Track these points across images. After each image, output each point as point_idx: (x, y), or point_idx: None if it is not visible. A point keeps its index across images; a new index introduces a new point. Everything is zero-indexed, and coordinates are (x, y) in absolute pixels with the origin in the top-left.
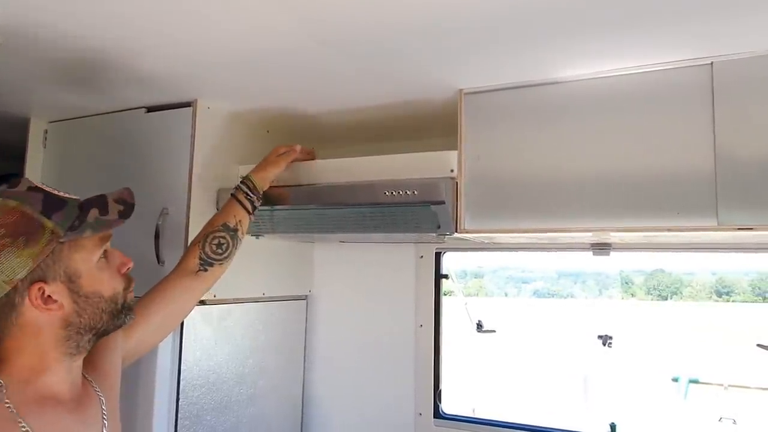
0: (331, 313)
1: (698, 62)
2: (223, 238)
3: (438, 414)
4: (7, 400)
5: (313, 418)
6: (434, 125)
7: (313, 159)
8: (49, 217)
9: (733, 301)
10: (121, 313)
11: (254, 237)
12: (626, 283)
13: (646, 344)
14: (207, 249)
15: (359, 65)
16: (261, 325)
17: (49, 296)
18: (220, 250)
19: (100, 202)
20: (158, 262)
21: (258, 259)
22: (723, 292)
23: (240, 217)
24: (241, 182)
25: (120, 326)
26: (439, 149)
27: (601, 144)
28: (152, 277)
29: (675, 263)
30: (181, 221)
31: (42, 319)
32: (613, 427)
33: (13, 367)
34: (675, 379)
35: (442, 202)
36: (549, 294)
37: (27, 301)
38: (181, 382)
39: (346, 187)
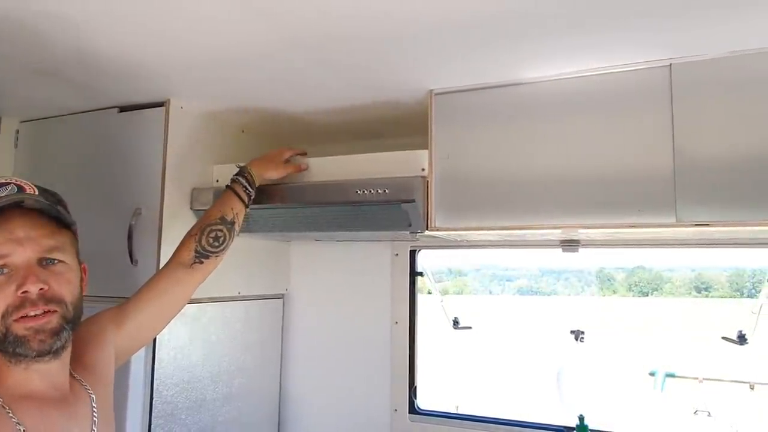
0: (308, 311)
1: (657, 64)
2: (220, 231)
3: (413, 409)
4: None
5: (290, 416)
6: (406, 125)
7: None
8: None
9: (711, 296)
10: (6, 342)
11: None
12: (608, 279)
13: (625, 340)
14: (203, 242)
15: (330, 67)
16: (237, 324)
17: None
18: (216, 243)
19: None
20: (131, 262)
21: (234, 258)
22: (702, 288)
23: (237, 210)
24: (239, 174)
25: (21, 356)
26: (412, 148)
27: (565, 143)
28: (126, 276)
29: (655, 260)
30: (154, 221)
31: None
32: (581, 418)
33: None
34: (652, 373)
35: (413, 201)
36: (532, 291)
37: None
38: (155, 381)
39: (319, 186)
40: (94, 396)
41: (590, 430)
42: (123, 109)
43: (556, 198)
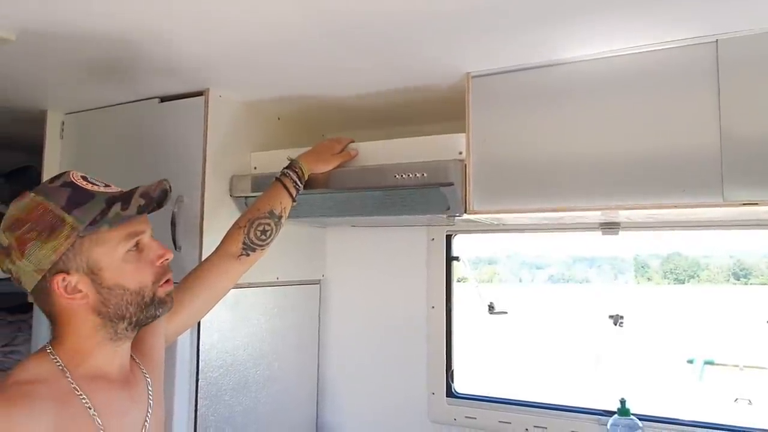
0: (345, 296)
1: (703, 40)
2: (268, 225)
3: (451, 393)
4: (68, 375)
5: (328, 398)
6: (440, 109)
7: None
8: (69, 213)
9: (751, 283)
10: (150, 306)
11: None
12: (642, 267)
13: (662, 327)
14: (251, 235)
15: (366, 52)
16: (276, 309)
17: (74, 286)
18: (264, 237)
19: (125, 197)
20: (175, 248)
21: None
22: (741, 274)
23: (285, 204)
24: (289, 168)
25: (155, 318)
26: (448, 133)
27: (608, 123)
28: (171, 262)
29: (692, 246)
30: (196, 208)
31: (72, 306)
32: (623, 402)
33: (65, 346)
34: (690, 361)
35: (451, 184)
36: (563, 279)
37: (53, 290)
38: (200, 363)
39: (357, 171)
40: (150, 380)
41: (632, 413)
42: (164, 99)
43: (598, 179)
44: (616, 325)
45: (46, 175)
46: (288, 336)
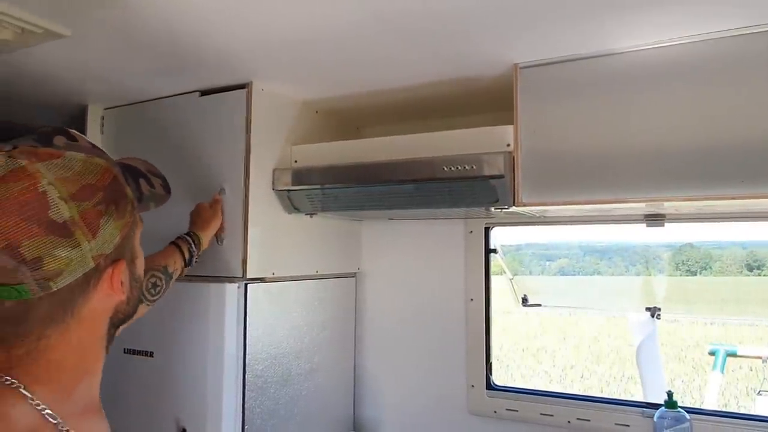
0: (381, 289)
1: (761, 29)
2: (160, 279)
3: (490, 386)
4: (56, 420)
5: (366, 392)
6: (484, 101)
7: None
8: (127, 183)
9: (764, 275)
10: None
11: (308, 216)
12: (653, 258)
13: (683, 318)
14: (144, 285)
15: (413, 43)
16: (316, 302)
17: (124, 279)
18: (153, 291)
19: (139, 172)
20: (218, 242)
21: (312, 237)
22: (754, 266)
23: (178, 266)
24: (187, 234)
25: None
26: (492, 125)
27: (660, 114)
28: (213, 257)
29: (704, 237)
30: (239, 202)
31: (103, 307)
32: (670, 394)
33: (58, 373)
34: (712, 353)
35: (502, 176)
36: (574, 271)
37: (101, 283)
38: (247, 357)
39: (405, 163)
40: None
41: (679, 407)
42: (204, 93)
43: (651, 171)
44: (653, 317)
45: None
46: (327, 329)
